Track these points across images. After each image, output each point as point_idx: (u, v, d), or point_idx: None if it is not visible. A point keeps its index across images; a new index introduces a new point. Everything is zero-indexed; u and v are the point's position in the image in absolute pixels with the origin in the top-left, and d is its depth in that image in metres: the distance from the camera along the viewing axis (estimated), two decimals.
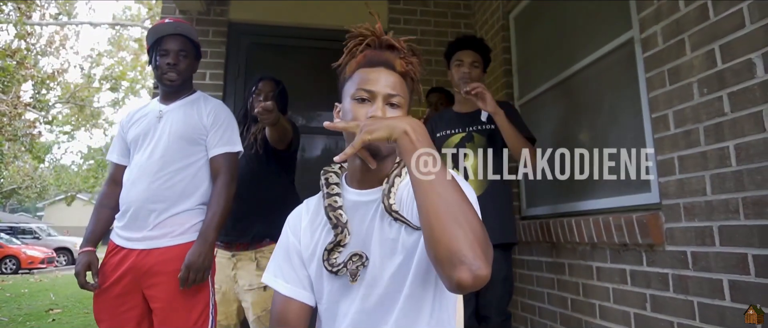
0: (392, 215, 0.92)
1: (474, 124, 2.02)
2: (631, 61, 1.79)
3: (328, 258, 0.96)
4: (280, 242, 1.06)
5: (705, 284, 1.40)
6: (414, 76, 1.01)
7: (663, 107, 1.58)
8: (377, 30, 1.02)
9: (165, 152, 1.65)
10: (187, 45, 1.76)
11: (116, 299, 1.59)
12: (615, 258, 1.81)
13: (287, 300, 0.99)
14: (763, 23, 1.25)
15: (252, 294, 1.87)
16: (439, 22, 3.36)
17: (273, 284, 1.01)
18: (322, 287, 0.99)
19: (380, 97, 0.94)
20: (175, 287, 1.56)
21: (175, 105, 1.74)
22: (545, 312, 2.30)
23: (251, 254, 1.91)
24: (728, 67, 1.34)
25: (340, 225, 0.97)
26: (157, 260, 1.58)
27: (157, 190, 1.62)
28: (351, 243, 0.96)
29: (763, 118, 1.24)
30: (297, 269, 1.01)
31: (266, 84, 2.08)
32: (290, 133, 1.91)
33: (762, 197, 1.23)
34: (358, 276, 0.91)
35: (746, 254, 1.27)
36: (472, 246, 0.72)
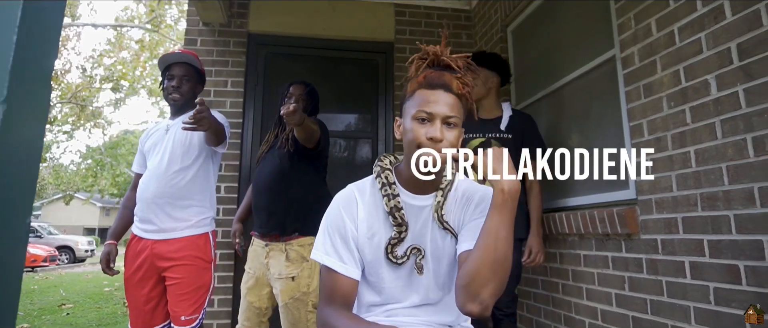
0: (443, 225, 1.14)
1: (493, 131, 2.27)
2: (613, 76, 2.07)
3: (390, 252, 1.13)
4: (334, 224, 1.16)
5: (671, 266, 1.68)
6: (469, 97, 1.12)
7: (639, 117, 1.86)
8: (438, 50, 1.12)
9: (170, 157, 2.00)
10: (190, 71, 2.11)
11: (139, 283, 1.96)
12: (599, 246, 2.08)
13: (343, 277, 1.11)
14: (716, 51, 1.52)
15: (281, 283, 2.06)
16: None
17: (327, 263, 1.12)
18: (380, 273, 1.15)
19: (439, 118, 1.07)
20: (190, 269, 1.94)
21: (179, 119, 2.08)
22: (539, 297, 2.57)
23: (282, 246, 2.09)
24: (690, 85, 1.62)
25: (404, 224, 1.13)
26: (170, 249, 1.94)
27: (164, 188, 1.96)
28: (410, 238, 1.15)
29: (715, 129, 1.52)
30: (352, 252, 1.14)
31: (296, 87, 2.29)
32: (318, 133, 2.07)
33: (714, 193, 1.51)
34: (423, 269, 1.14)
35: (702, 239, 1.55)
36: (493, 294, 0.96)
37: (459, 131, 1.11)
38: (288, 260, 2.03)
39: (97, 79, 17.24)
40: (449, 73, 1.11)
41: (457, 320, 1.21)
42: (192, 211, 2.01)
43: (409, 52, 3.54)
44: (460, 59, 1.13)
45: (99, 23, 15.73)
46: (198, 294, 1.94)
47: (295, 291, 2.04)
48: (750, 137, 1.40)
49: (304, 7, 3.49)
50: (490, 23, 3.32)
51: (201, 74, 2.19)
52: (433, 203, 1.16)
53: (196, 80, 2.16)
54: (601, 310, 2.05)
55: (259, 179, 2.19)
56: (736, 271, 1.43)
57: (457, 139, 1.11)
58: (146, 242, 1.97)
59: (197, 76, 2.16)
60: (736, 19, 1.45)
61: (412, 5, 3.62)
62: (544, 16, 2.75)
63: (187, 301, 1.91)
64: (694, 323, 1.57)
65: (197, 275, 1.94)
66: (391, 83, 3.51)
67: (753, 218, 1.38)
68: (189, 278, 1.92)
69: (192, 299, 1.92)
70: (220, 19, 3.29)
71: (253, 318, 2.16)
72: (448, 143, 1.08)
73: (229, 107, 3.22)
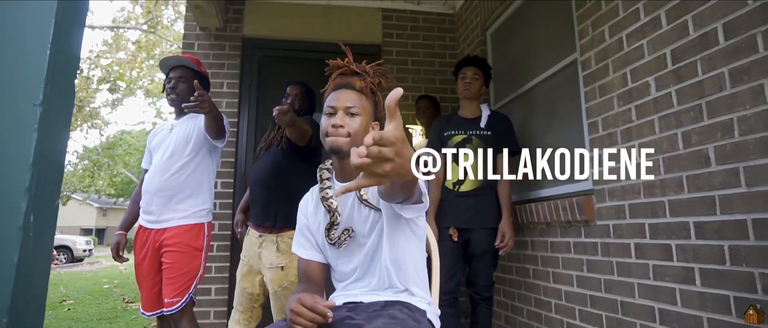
0: (363, 202, 1.33)
1: (474, 129, 2.48)
2: (575, 77, 2.27)
3: (328, 235, 1.35)
4: (298, 223, 1.45)
5: (620, 248, 1.88)
6: (373, 89, 1.33)
7: (594, 115, 2.06)
8: (347, 62, 1.37)
9: (172, 153, 2.16)
10: (187, 73, 2.26)
11: (146, 268, 2.14)
12: (563, 233, 2.28)
13: (307, 262, 1.39)
14: (655, 56, 1.72)
15: (271, 272, 2.20)
16: (427, 35, 3.83)
17: (297, 252, 1.41)
18: (327, 252, 1.39)
19: (340, 109, 1.28)
20: (179, 255, 2.09)
21: (182, 119, 2.26)
22: (513, 282, 2.78)
23: (273, 238, 2.22)
24: (634, 86, 1.82)
25: (331, 210, 1.34)
26: (167, 236, 2.09)
27: (166, 181, 2.12)
28: (343, 222, 1.34)
29: (654, 125, 1.72)
30: (310, 239, 1.41)
31: (293, 88, 2.45)
32: (309, 132, 2.20)
33: (653, 181, 1.71)
34: (344, 245, 1.33)
35: (644, 223, 1.75)
36: None
37: (363, 119, 1.29)
38: (278, 251, 2.19)
39: (95, 80, 17.38)
40: (357, 77, 1.32)
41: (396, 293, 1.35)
42: (189, 202, 2.17)
43: (396, 54, 3.75)
44: (369, 66, 1.36)
45: (96, 25, 15.78)
46: (184, 279, 2.07)
47: (284, 280, 2.20)
48: (680, 132, 1.60)
49: (296, 12, 3.68)
50: (471, 27, 3.52)
51: (201, 76, 2.32)
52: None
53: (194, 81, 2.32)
54: (565, 291, 2.25)
55: (255, 173, 2.34)
56: (669, 249, 1.63)
57: (362, 125, 1.30)
58: (149, 231, 2.14)
59: (195, 78, 2.27)
60: (669, 29, 1.65)
61: (399, 9, 3.82)
62: (519, 21, 2.95)
63: (173, 285, 2.06)
64: (638, 298, 1.78)
65: (185, 261, 2.09)
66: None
67: (682, 202, 1.59)
68: (178, 263, 2.07)
69: (177, 283, 2.06)
70: (216, 24, 3.47)
71: (245, 303, 2.32)
72: (350, 128, 1.28)
73: (225, 108, 3.40)
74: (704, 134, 1.50)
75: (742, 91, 1.38)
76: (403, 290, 1.34)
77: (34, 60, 0.81)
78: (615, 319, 1.90)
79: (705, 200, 1.50)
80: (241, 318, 2.34)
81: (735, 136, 1.40)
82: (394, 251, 1.31)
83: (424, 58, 3.76)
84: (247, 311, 2.34)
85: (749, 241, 1.35)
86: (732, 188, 1.40)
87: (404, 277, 1.33)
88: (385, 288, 1.34)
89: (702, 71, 1.52)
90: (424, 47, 3.79)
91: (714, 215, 1.46)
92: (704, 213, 1.50)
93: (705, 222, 1.50)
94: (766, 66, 1.31)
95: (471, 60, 2.55)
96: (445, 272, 2.35)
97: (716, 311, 1.45)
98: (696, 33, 1.54)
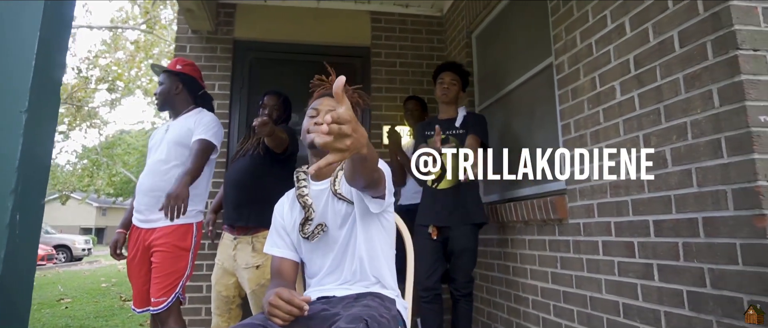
0: (337, 196, 1.43)
1: (450, 129, 2.56)
2: (550, 81, 2.35)
3: (302, 229, 1.44)
4: (273, 223, 1.54)
5: (589, 245, 1.96)
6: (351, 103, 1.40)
7: (567, 117, 2.14)
8: (331, 81, 1.50)
9: (166, 154, 2.19)
10: (163, 77, 2.35)
11: (136, 266, 2.18)
12: (539, 231, 2.36)
13: (281, 260, 1.48)
14: (619, 61, 1.80)
15: (248, 272, 2.29)
16: (415, 38, 3.90)
17: (271, 251, 1.49)
18: (301, 248, 1.49)
19: (323, 112, 1.42)
20: (165, 255, 2.10)
21: (177, 121, 2.30)
22: (495, 279, 2.85)
23: (248, 239, 2.33)
24: (602, 90, 1.90)
25: (306, 206, 1.45)
26: (156, 236, 2.12)
27: (156, 182, 2.14)
28: (316, 218, 1.44)
29: (619, 127, 1.79)
30: (284, 238, 1.50)
31: (270, 98, 2.55)
32: (286, 141, 2.33)
33: (617, 182, 1.79)
34: (317, 238, 1.43)
35: (610, 221, 1.83)
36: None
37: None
38: (254, 251, 2.28)
39: (93, 79, 17.43)
40: None
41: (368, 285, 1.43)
42: None
43: (384, 56, 3.82)
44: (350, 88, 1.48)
45: (94, 25, 15.83)
46: (170, 279, 2.10)
47: (261, 278, 2.28)
48: (641, 134, 1.67)
49: (287, 15, 3.75)
50: (458, 29, 3.59)
51: (176, 73, 2.36)
52: (330, 182, 1.47)
53: (170, 81, 2.33)
54: (541, 287, 2.33)
55: (231, 175, 2.43)
56: (631, 246, 1.71)
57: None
58: (140, 230, 2.19)
59: (171, 78, 2.35)
60: (632, 35, 1.73)
61: (387, 12, 3.89)
62: (501, 24, 3.03)
63: (159, 284, 2.09)
64: (605, 293, 1.85)
65: (172, 262, 2.11)
66: (368, 85, 3.78)
67: (643, 201, 1.66)
68: (164, 263, 2.10)
69: (163, 283, 2.09)
70: (208, 27, 3.55)
71: (222, 306, 2.40)
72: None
73: (216, 109, 3.47)
74: (662, 137, 1.58)
75: (694, 96, 1.45)
76: (375, 282, 1.42)
77: (20, 68, 0.88)
78: (585, 314, 1.98)
79: (663, 199, 1.57)
80: (221, 321, 2.42)
81: (688, 138, 1.47)
82: (367, 242, 1.41)
83: (412, 60, 3.83)
84: (224, 313, 2.42)
85: (700, 238, 1.43)
86: (686, 188, 1.48)
87: (376, 268, 1.42)
88: (357, 281, 1.42)
89: (660, 76, 1.59)
90: (412, 49, 3.87)
91: (670, 213, 1.54)
92: (662, 212, 1.58)
93: (663, 220, 1.57)
94: (715, 73, 1.38)
95: (449, 66, 2.64)
96: (426, 269, 2.43)
97: (672, 305, 1.53)
98: (655, 40, 1.62)
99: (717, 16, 1.37)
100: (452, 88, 2.57)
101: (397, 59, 3.84)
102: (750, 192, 1.27)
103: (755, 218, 1.25)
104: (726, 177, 1.34)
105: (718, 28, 1.37)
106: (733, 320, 1.31)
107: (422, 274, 2.44)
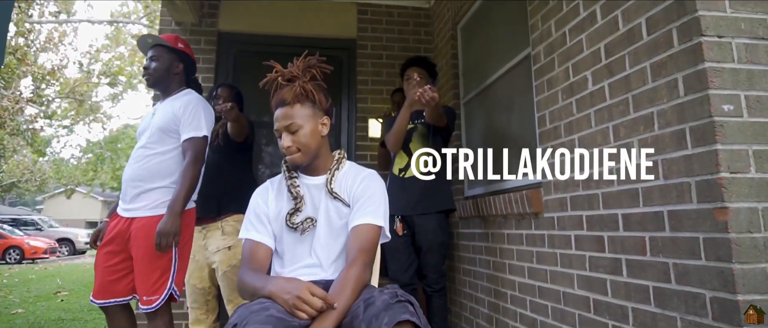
0: (333, 195, 1.44)
1: (418, 118, 2.53)
2: (528, 72, 2.29)
3: (290, 219, 1.43)
4: (252, 207, 1.49)
5: (563, 239, 1.91)
6: (305, 91, 1.42)
7: (543, 108, 2.09)
8: (276, 72, 1.46)
9: (148, 142, 2.05)
10: (159, 51, 2.15)
11: (107, 255, 2.00)
12: (517, 225, 2.31)
13: (257, 244, 1.42)
14: (592, 50, 1.74)
15: (219, 254, 2.28)
16: (402, 30, 3.85)
17: (247, 235, 1.44)
18: (283, 238, 1.45)
19: (282, 130, 1.42)
20: (145, 250, 1.92)
21: (165, 102, 2.14)
22: (477, 274, 2.81)
23: (218, 224, 2.33)
24: (575, 81, 1.85)
25: (298, 197, 1.45)
26: (136, 226, 1.97)
27: (138, 170, 2.01)
28: (306, 210, 1.45)
29: (591, 118, 1.74)
30: (265, 225, 1.46)
31: (224, 90, 2.55)
32: (247, 128, 2.35)
33: (591, 174, 1.74)
34: (307, 232, 1.43)
35: (582, 215, 1.79)
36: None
37: (306, 126, 1.43)
38: (224, 234, 2.29)
39: (95, 74, 17.47)
40: (288, 87, 1.43)
41: None
42: (160, 192, 2.03)
43: (371, 48, 3.77)
44: (296, 68, 1.45)
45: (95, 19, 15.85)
46: (154, 276, 1.93)
47: (232, 259, 2.29)
48: (611, 125, 1.62)
49: (272, 6, 3.71)
50: (444, 21, 3.54)
51: (176, 51, 2.19)
52: (325, 180, 1.47)
53: (169, 58, 2.17)
54: (518, 282, 2.28)
55: None
56: (601, 240, 1.66)
57: (308, 132, 1.43)
58: (120, 218, 2.05)
59: (169, 54, 2.17)
60: (603, 23, 1.67)
61: (374, 4, 3.84)
62: (484, 16, 2.97)
63: (147, 281, 1.92)
64: (577, 288, 1.81)
65: (152, 257, 1.93)
66: (354, 78, 3.73)
67: (613, 195, 1.62)
68: (145, 258, 1.93)
69: (149, 280, 1.92)
70: (192, 19, 3.51)
71: (199, 299, 2.39)
72: (297, 144, 1.42)
73: None
74: (630, 128, 1.53)
75: (660, 85, 1.40)
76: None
77: None
78: (559, 310, 1.93)
79: (630, 192, 1.53)
80: (199, 315, 2.41)
81: (655, 129, 1.42)
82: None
83: (399, 53, 3.77)
84: (201, 306, 2.40)
85: (665, 232, 1.38)
86: (652, 181, 1.43)
87: None
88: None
89: (629, 65, 1.54)
90: (399, 42, 3.81)
91: (638, 207, 1.49)
92: (629, 205, 1.53)
93: (630, 214, 1.53)
94: (679, 60, 1.33)
95: (415, 61, 2.59)
96: (400, 265, 2.39)
97: (639, 300, 1.48)
98: (624, 27, 1.56)
99: (682, 2, 1.31)
100: (420, 84, 2.53)
101: (383, 52, 3.78)
102: (712, 184, 1.22)
103: (717, 211, 1.20)
104: (690, 169, 1.29)
105: (682, 14, 1.31)
106: (695, 317, 1.26)
107: (397, 271, 2.41)
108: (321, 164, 1.49)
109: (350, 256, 1.32)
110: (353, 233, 1.38)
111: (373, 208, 1.40)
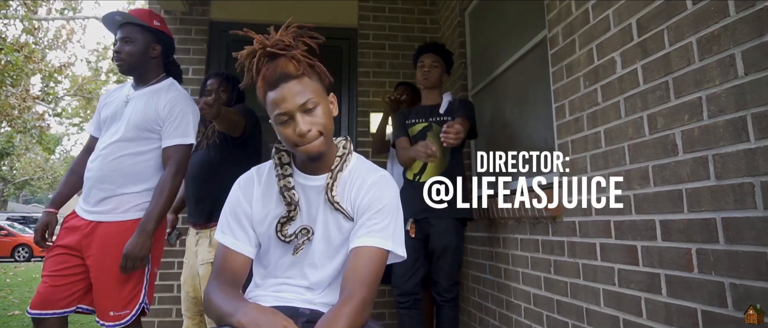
0: (334, 206, 1.14)
1: (434, 116, 2.29)
2: (544, 57, 2.03)
3: (280, 230, 1.14)
4: (231, 204, 1.19)
5: (586, 248, 1.65)
6: (309, 61, 1.09)
7: (562, 98, 1.83)
8: (264, 42, 1.09)
9: (122, 138, 1.77)
10: (132, 30, 1.83)
11: (59, 257, 1.71)
12: (532, 230, 2.06)
13: (234, 253, 1.14)
14: (622, 26, 1.48)
15: (203, 268, 2.06)
16: (406, 18, 3.59)
17: (222, 240, 1.16)
18: (270, 250, 1.17)
19: (296, 112, 1.06)
20: (115, 260, 1.66)
21: (141, 92, 1.85)
22: (487, 281, 2.56)
23: (208, 232, 2.09)
24: (600, 64, 1.59)
25: (293, 203, 1.14)
26: (102, 233, 1.70)
27: (109, 172, 1.74)
28: (300, 219, 1.15)
29: (620, 107, 1.48)
30: (246, 230, 1.16)
31: (213, 82, 2.27)
32: (241, 122, 2.06)
33: (618, 172, 1.48)
34: (300, 251, 1.13)
35: (609, 220, 1.53)
36: None
37: (324, 106, 1.10)
38: (211, 246, 2.05)
39: (103, 71, 17.46)
40: (283, 58, 1.07)
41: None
42: (132, 196, 1.78)
43: (372, 38, 3.53)
44: (286, 36, 1.09)
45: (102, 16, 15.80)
46: (126, 288, 1.70)
47: None
48: (646, 115, 1.36)
49: None
50: (451, 7, 3.28)
51: (151, 30, 1.88)
52: (324, 184, 1.15)
53: (144, 40, 1.86)
54: (533, 294, 2.03)
55: (189, 170, 2.19)
56: (634, 251, 1.41)
57: (325, 114, 1.10)
58: (80, 219, 1.76)
59: (144, 35, 1.86)
60: None
61: None
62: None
63: (116, 295, 1.68)
64: (603, 306, 1.55)
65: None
66: (355, 69, 3.49)
67: (648, 197, 1.36)
68: (115, 269, 1.67)
69: (120, 293, 1.68)
70: (182, 8, 3.30)
71: (192, 308, 2.20)
72: (318, 126, 1.08)
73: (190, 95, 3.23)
74: (670, 117, 1.27)
75: (710, 65, 1.14)
76: None
77: None
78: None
79: (671, 194, 1.27)
80: (191, 324, 2.25)
81: (703, 118, 1.16)
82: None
83: (402, 43, 3.53)
84: (195, 315, 2.24)
85: (718, 244, 1.12)
86: (699, 181, 1.17)
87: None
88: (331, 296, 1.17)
89: (668, 43, 1.28)
90: (402, 31, 3.56)
91: (681, 212, 1.23)
92: (671, 210, 1.27)
93: (671, 221, 1.27)
94: (737, 32, 1.07)
95: (429, 47, 2.34)
96: (404, 271, 2.16)
97: (683, 326, 1.22)
98: None
99: None
100: (434, 72, 2.28)
101: (386, 41, 3.53)
102: None
103: None
104: (752, 166, 1.03)
105: None
106: None
107: (400, 276, 2.17)
108: (325, 157, 1.15)
109: (347, 287, 1.04)
110: (353, 256, 1.09)
111: (382, 226, 1.11)
